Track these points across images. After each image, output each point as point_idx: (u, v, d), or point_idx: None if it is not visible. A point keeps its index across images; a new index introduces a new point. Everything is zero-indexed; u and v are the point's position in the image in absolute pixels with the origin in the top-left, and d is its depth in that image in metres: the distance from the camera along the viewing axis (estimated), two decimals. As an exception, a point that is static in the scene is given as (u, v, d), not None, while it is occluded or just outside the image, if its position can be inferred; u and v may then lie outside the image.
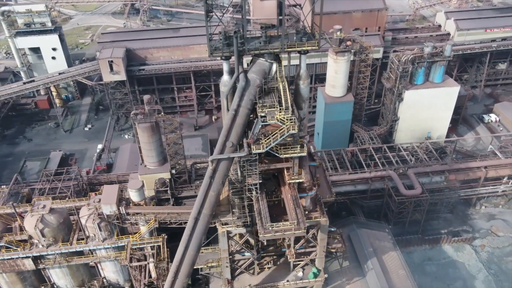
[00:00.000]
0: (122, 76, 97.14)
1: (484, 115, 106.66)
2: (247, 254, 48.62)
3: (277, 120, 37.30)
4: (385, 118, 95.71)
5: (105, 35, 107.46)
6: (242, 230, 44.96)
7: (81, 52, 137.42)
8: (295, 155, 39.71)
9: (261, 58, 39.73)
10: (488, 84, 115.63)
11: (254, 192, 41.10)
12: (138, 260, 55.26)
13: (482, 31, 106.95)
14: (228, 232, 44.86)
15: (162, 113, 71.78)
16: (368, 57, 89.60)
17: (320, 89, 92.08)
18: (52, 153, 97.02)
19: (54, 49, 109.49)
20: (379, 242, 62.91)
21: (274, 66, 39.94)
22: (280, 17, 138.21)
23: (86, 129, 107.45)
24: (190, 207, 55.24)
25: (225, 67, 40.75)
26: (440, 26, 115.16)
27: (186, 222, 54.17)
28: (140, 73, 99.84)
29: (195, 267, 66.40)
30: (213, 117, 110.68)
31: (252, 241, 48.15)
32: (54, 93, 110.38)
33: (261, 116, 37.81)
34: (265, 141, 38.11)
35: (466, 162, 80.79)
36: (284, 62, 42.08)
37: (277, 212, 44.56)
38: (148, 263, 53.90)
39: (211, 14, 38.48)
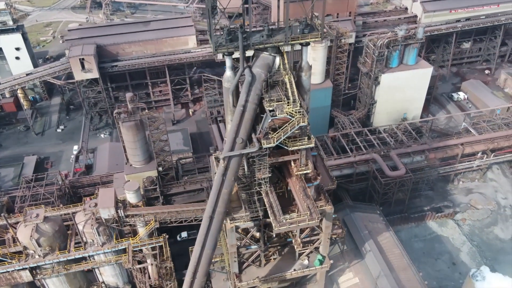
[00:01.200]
0: (95, 74, 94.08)
1: (453, 94, 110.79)
2: (254, 247, 48.84)
3: (287, 113, 37.42)
4: (362, 102, 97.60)
5: (72, 31, 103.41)
6: (250, 224, 45.08)
7: (43, 50, 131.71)
8: (303, 146, 40.07)
9: (264, 52, 39.55)
10: (454, 63, 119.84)
11: (264, 186, 41.26)
12: (140, 262, 54.43)
13: (447, 12, 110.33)
14: (236, 227, 44.83)
15: (146, 110, 70.57)
16: (344, 43, 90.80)
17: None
18: (26, 158, 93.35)
19: (17, 49, 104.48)
20: (372, 224, 64.71)
21: (277, 59, 39.90)
22: (246, 5, 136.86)
23: (59, 130, 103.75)
24: (190, 205, 55.13)
25: (228, 63, 40.31)
26: (406, 8, 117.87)
27: (186, 220, 54.06)
28: (113, 69, 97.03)
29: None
30: (190, 111, 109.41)
31: (257, 233, 48.36)
32: (21, 95, 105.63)
33: (270, 111, 37.79)
34: (275, 135, 38.21)
35: (444, 140, 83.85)
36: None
37: (282, 204, 44.81)
38: (152, 264, 53.18)
39: (215, 10, 37.78)
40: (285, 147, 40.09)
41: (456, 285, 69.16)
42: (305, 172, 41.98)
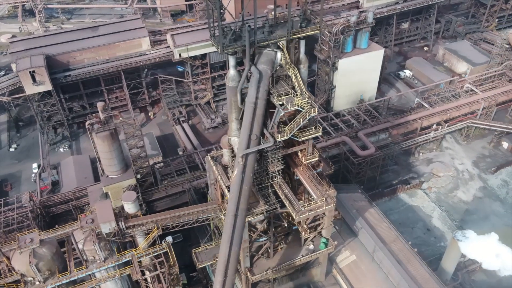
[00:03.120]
0: (48, 86, 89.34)
1: (400, 72, 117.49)
2: (263, 239, 49.90)
3: (298, 106, 38.64)
4: (321, 88, 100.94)
5: (15, 43, 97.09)
6: (261, 218, 46.02)
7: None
8: (311, 136, 41.58)
9: (267, 49, 40.37)
10: (395, 43, 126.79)
11: (277, 179, 42.31)
12: (143, 273, 53.61)
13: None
14: (249, 222, 45.61)
15: (121, 118, 68.79)
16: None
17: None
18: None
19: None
20: (357, 202, 67.97)
21: (279, 54, 40.92)
22: (190, 2, 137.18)
23: (12, 149, 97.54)
24: (189, 208, 54.91)
25: (232, 62, 40.59)
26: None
27: (188, 223, 53.91)
28: (66, 79, 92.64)
29: (189, 266, 65.98)
30: (150, 114, 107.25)
31: (265, 226, 49.47)
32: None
33: (280, 105, 38.82)
34: (288, 128, 39.33)
35: (404, 116, 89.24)
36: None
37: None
38: (160, 272, 52.52)
39: (223, 12, 37.92)
40: (295, 138, 41.41)
41: (434, 249, 74.59)
42: (312, 160, 43.60)
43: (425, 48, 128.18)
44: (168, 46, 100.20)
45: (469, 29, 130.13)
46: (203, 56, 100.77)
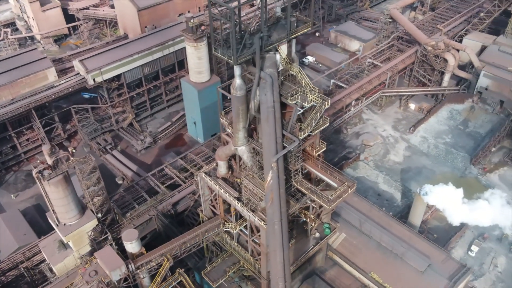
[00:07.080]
0: (-51, 143, 76.85)
1: (303, 59, 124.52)
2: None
3: (313, 102, 39.82)
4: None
5: None
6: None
7: None
8: (322, 128, 43.15)
9: (270, 52, 40.65)
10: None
11: (298, 176, 43.06)
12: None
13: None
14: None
15: (72, 158, 62.72)
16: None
17: (184, 79, 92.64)
18: None
19: None
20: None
21: (278, 56, 41.51)
22: (72, 24, 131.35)
23: None
24: (194, 231, 52.86)
25: (238, 71, 39.98)
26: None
27: (195, 246, 52.02)
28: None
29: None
30: (69, 149, 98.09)
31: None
32: None
33: (295, 104, 39.62)
34: (306, 124, 40.31)
35: (331, 98, 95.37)
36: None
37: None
38: (182, 304, 49.80)
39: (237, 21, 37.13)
40: (310, 134, 42.61)
41: (390, 210, 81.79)
42: (321, 151, 45.29)
43: (317, 34, 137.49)
44: (78, 73, 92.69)
45: (348, 11, 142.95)
46: (117, 77, 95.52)
